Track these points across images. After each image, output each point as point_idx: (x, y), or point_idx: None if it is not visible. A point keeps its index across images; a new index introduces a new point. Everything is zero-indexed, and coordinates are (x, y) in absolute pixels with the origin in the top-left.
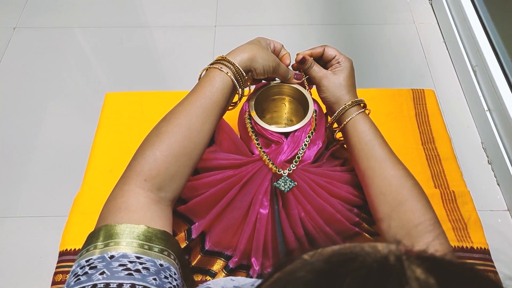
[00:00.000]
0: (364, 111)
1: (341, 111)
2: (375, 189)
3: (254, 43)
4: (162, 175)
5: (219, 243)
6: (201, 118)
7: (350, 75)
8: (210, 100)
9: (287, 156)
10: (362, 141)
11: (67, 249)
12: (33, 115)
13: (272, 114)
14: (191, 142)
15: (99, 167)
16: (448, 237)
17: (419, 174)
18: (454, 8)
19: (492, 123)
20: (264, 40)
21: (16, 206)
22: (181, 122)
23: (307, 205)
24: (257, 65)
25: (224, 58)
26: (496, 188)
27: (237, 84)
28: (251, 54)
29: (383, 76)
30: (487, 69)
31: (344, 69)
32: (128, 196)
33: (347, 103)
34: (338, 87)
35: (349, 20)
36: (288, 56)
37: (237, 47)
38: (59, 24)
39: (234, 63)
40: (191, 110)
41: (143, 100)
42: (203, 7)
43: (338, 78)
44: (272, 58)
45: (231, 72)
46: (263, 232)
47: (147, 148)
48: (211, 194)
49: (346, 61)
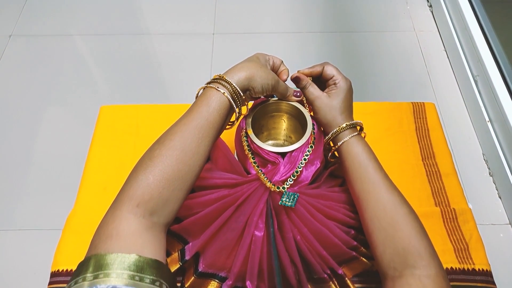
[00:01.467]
0: (359, 134)
1: (334, 133)
2: (369, 213)
3: (252, 60)
4: (155, 200)
5: (213, 265)
6: (196, 140)
7: (346, 98)
8: (206, 120)
9: (281, 176)
10: (355, 164)
11: (59, 269)
12: (28, 126)
13: (271, 131)
14: (186, 165)
15: (92, 185)
16: (449, 259)
17: (419, 191)
18: (454, 16)
19: (494, 134)
20: (263, 56)
21: (11, 219)
22: (175, 144)
23: (303, 227)
24: (255, 84)
25: (221, 77)
26: (497, 201)
27: (234, 104)
28: (249, 73)
29: (382, 84)
30: (488, 79)
31: (340, 91)
32: (120, 222)
33: (340, 125)
34: (330, 109)
35: (348, 27)
36: (286, 72)
37: (235, 65)
38: (55, 32)
39: (231, 83)
40: (186, 132)
41: (138, 113)
42: (201, 15)
43: (332, 101)
44: (270, 76)
45: (228, 92)
46: (258, 254)
47: (140, 171)
48: (205, 214)
49: (343, 82)
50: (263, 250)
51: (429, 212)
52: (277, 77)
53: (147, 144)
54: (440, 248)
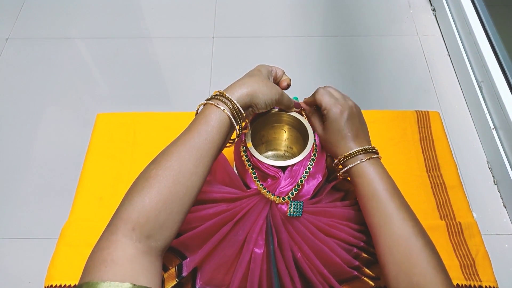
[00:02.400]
0: (376, 158)
1: (341, 159)
2: (382, 246)
3: (254, 75)
4: (152, 223)
5: (211, 281)
6: (194, 160)
7: (344, 125)
8: (205, 139)
9: (280, 189)
10: (368, 193)
11: (52, 285)
12: (24, 131)
13: (271, 141)
14: (183, 186)
15: (88, 195)
16: (456, 275)
17: (424, 203)
18: (458, 20)
19: (499, 142)
20: (266, 68)
21: (4, 227)
22: (172, 164)
23: (304, 245)
24: (257, 100)
25: (221, 94)
26: (502, 211)
27: (234, 121)
28: (251, 90)
29: (385, 89)
30: (493, 85)
31: (330, 122)
32: (115, 247)
33: (352, 150)
34: (331, 147)
35: (350, 31)
36: (287, 80)
37: (236, 81)
38: (52, 35)
39: (232, 100)
40: (184, 151)
41: (135, 121)
42: (201, 18)
43: (328, 136)
44: (274, 91)
45: (228, 109)
46: (258, 272)
47: (135, 193)
48: (204, 229)
49: (332, 112)
50: (262, 268)
51: (434, 226)
52: (281, 90)
53: (144, 153)
54: (446, 263)
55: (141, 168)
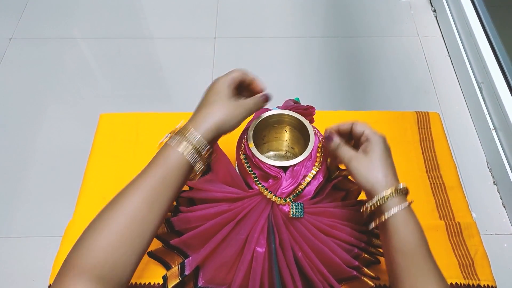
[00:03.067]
0: (409, 206)
1: (381, 200)
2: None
3: (215, 100)
4: (102, 266)
5: (213, 280)
6: (148, 203)
7: (385, 154)
8: (161, 182)
9: (282, 191)
10: (403, 248)
11: None
12: (28, 130)
13: (272, 142)
14: (135, 230)
15: (91, 194)
16: (454, 274)
17: (424, 203)
18: (459, 21)
19: (498, 142)
20: (224, 84)
21: (9, 225)
22: (124, 208)
23: (305, 245)
24: (225, 128)
25: (185, 130)
26: (501, 210)
27: (196, 161)
28: (216, 122)
29: (385, 90)
30: (493, 86)
31: (375, 146)
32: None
33: (386, 191)
34: (371, 169)
35: (351, 32)
36: (258, 83)
37: (199, 111)
38: (55, 35)
39: (196, 138)
40: (137, 195)
41: (138, 121)
42: (203, 19)
43: (370, 158)
44: (240, 110)
45: (188, 151)
46: (259, 271)
47: (86, 236)
48: (205, 229)
49: (377, 136)
50: (264, 266)
51: (433, 226)
52: (247, 105)
53: (147, 152)
54: (444, 262)
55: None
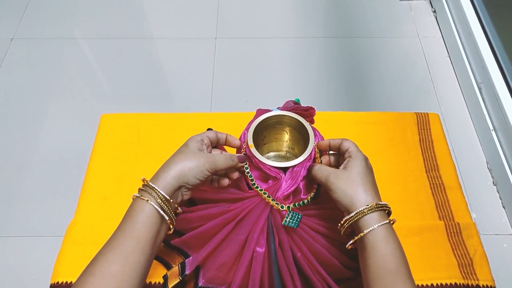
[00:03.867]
0: (389, 223)
1: (359, 214)
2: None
3: (180, 152)
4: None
5: (213, 280)
6: (120, 261)
7: (366, 172)
8: (131, 237)
9: (283, 192)
10: (380, 268)
11: (58, 281)
12: (29, 130)
13: (272, 142)
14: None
15: (93, 194)
16: (453, 274)
17: (423, 203)
18: (459, 22)
19: (498, 143)
20: (193, 141)
21: (10, 225)
22: (94, 269)
23: (303, 246)
24: (186, 179)
25: (146, 184)
26: (501, 211)
27: (163, 212)
28: (176, 171)
29: (385, 90)
30: (492, 87)
31: (355, 162)
32: None
33: (366, 204)
34: (349, 183)
35: (351, 33)
36: (232, 138)
37: (162, 165)
38: (56, 35)
39: (156, 189)
40: (108, 254)
41: (139, 122)
42: (203, 19)
43: (349, 173)
44: (202, 161)
45: (153, 200)
46: (259, 270)
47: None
48: (206, 229)
49: (359, 153)
50: (264, 266)
51: (433, 226)
52: (213, 157)
53: (148, 153)
54: (444, 262)
55: (145, 167)
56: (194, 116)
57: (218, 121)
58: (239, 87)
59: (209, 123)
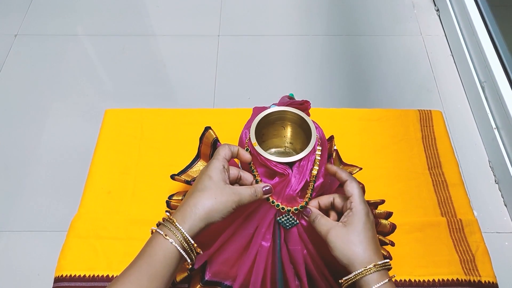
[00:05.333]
0: (390, 281)
1: (357, 275)
2: None
3: (205, 187)
4: None
5: (218, 273)
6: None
7: (366, 227)
8: (148, 277)
9: (294, 188)
10: None
11: (62, 275)
12: (33, 125)
13: (272, 139)
14: None
15: (97, 188)
16: (455, 270)
17: (426, 200)
18: (462, 20)
19: (500, 141)
20: (216, 170)
21: (14, 220)
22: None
23: (309, 243)
24: (214, 219)
25: (171, 221)
26: (503, 209)
27: (185, 254)
28: (205, 212)
29: (388, 89)
30: (495, 85)
31: (356, 217)
32: None
33: (365, 267)
34: (348, 243)
35: (354, 31)
36: (244, 152)
37: (187, 200)
38: (60, 31)
39: (182, 231)
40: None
41: (143, 117)
42: (206, 16)
43: (348, 231)
44: (230, 200)
45: (177, 241)
46: (263, 265)
47: None
48: (215, 227)
49: (360, 206)
50: (268, 261)
51: (435, 222)
52: (239, 195)
53: (151, 147)
54: (446, 258)
55: (148, 162)
56: (197, 112)
57: (221, 117)
58: (242, 85)
59: (212, 119)
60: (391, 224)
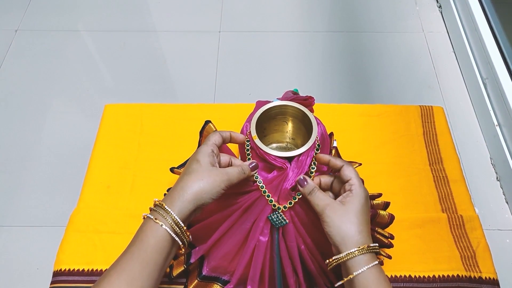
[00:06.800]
0: (379, 264)
1: (349, 255)
2: None
3: (193, 170)
4: None
5: (216, 268)
6: (125, 285)
7: (363, 210)
8: (139, 263)
9: (292, 182)
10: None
11: (61, 269)
12: (33, 120)
13: (273, 133)
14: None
15: (96, 183)
16: (456, 266)
17: (426, 196)
18: (464, 17)
19: (502, 138)
20: (204, 154)
21: (13, 215)
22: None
23: (308, 238)
24: (203, 201)
25: (160, 206)
26: (504, 206)
27: (176, 237)
28: (193, 195)
29: (390, 85)
30: (497, 82)
31: (355, 199)
32: None
33: (357, 247)
34: (344, 221)
35: (356, 27)
36: (236, 134)
37: (175, 185)
38: (61, 27)
39: (171, 213)
40: (113, 276)
41: (143, 112)
42: (207, 13)
43: (346, 210)
44: (218, 180)
45: (167, 224)
46: (261, 260)
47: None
48: (211, 221)
49: (360, 189)
50: (266, 256)
51: (435, 218)
52: (226, 174)
53: (150, 142)
54: (446, 254)
55: (148, 157)
56: (197, 107)
57: (221, 112)
58: (242, 81)
59: (212, 114)
60: (390, 214)
